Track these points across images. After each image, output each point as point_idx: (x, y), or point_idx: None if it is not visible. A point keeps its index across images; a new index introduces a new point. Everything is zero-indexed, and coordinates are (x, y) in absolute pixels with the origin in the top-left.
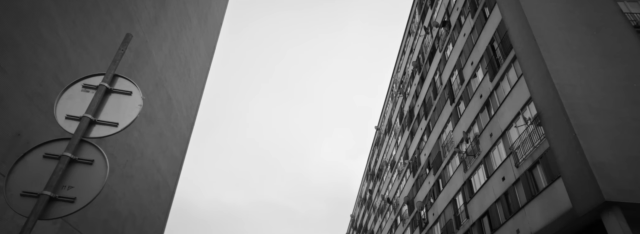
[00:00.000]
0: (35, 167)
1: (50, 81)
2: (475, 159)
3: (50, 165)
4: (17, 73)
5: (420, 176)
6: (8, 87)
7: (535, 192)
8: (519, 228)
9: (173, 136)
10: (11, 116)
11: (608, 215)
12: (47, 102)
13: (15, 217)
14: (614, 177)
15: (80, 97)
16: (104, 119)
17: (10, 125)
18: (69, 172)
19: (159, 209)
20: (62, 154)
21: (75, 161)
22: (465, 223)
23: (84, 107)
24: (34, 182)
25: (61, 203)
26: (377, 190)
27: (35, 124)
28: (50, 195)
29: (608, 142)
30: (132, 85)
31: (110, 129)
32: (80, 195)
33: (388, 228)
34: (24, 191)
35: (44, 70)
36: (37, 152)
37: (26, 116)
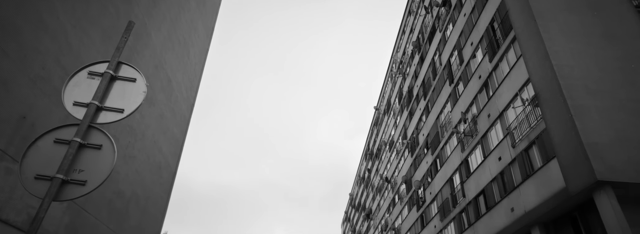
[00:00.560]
0: (47, 152)
1: (53, 65)
2: (472, 139)
3: (61, 150)
4: (19, 57)
5: (419, 156)
6: (12, 71)
7: (530, 172)
8: (513, 206)
9: (173, 117)
10: (16, 99)
11: (599, 194)
12: (50, 85)
13: (24, 196)
14: (607, 157)
15: (86, 84)
16: (110, 106)
17: (15, 108)
18: (79, 157)
19: (161, 189)
20: (72, 140)
21: (84, 145)
22: (462, 202)
23: (90, 93)
24: (47, 166)
25: (73, 185)
26: (376, 169)
27: (40, 107)
28: (63, 178)
29: (603, 123)
30: (136, 72)
31: (116, 115)
32: (91, 178)
33: (386, 207)
34: (37, 174)
35: (46, 54)
36: (48, 137)
37: (30, 99)
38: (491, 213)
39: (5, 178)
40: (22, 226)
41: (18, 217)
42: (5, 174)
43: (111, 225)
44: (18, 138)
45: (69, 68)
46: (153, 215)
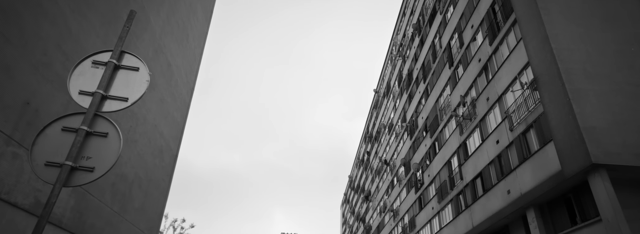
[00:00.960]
0: (55, 140)
1: (53, 50)
2: (471, 122)
3: (69, 137)
4: (21, 43)
5: (417, 139)
6: (14, 58)
7: (527, 155)
8: (510, 188)
9: (174, 101)
10: (19, 85)
11: (594, 176)
12: (52, 71)
13: (31, 180)
14: (603, 141)
15: (90, 73)
16: (115, 94)
17: (18, 94)
18: (86, 144)
19: (163, 172)
20: (79, 128)
21: (91, 133)
22: (459, 184)
23: (95, 82)
24: (56, 153)
25: (82, 172)
26: (375, 152)
27: (43, 93)
28: (72, 165)
29: (600, 106)
30: (139, 61)
31: (121, 103)
32: (98, 165)
33: (385, 189)
34: (47, 161)
35: (47, 39)
36: (56, 125)
37: (33, 85)
38: (488, 195)
39: (12, 162)
40: (30, 208)
41: (26, 200)
42: (12, 158)
43: (115, 207)
44: (23, 124)
45: (69, 53)
46: (155, 197)
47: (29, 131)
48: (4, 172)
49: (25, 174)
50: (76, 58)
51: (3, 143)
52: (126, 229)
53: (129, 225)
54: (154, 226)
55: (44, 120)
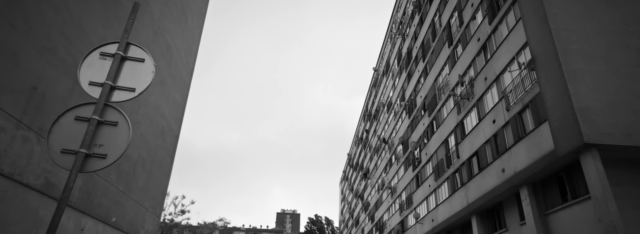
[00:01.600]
0: (69, 128)
1: (57, 36)
2: (469, 102)
3: (82, 126)
4: (26, 29)
5: (416, 118)
6: (20, 44)
7: (522, 134)
8: (504, 167)
9: (174, 82)
10: (26, 71)
11: (585, 156)
12: (56, 56)
13: (40, 162)
14: (596, 121)
15: (99, 65)
16: (122, 85)
17: (26, 79)
18: (98, 133)
19: (165, 152)
20: (91, 117)
21: (102, 122)
22: (456, 163)
23: (104, 74)
24: (70, 141)
25: (95, 158)
26: (374, 130)
27: (48, 78)
28: (86, 152)
29: (596, 87)
30: (144, 53)
31: (128, 94)
32: (110, 152)
33: (383, 166)
34: (63, 148)
35: (50, 25)
36: (69, 115)
37: (39, 70)
38: (483, 174)
39: (23, 145)
40: (41, 188)
41: (37, 181)
42: (22, 141)
43: (120, 187)
44: (31, 108)
45: (72, 38)
46: (158, 177)
47: (37, 115)
48: (15, 155)
49: (35, 156)
50: (79, 43)
51: (13, 127)
52: (131, 207)
53: (134, 203)
54: (157, 204)
55: (50, 104)
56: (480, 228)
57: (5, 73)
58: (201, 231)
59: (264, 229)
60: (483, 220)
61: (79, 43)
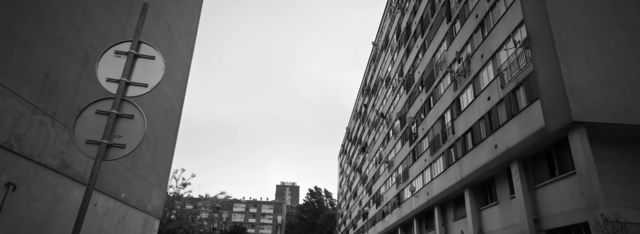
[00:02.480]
0: (91, 121)
1: (65, 23)
2: (465, 79)
3: (102, 119)
4: (37, 19)
5: (413, 93)
6: (32, 34)
7: (515, 111)
8: (497, 143)
9: (175, 63)
10: (39, 59)
11: (573, 133)
12: (65, 43)
13: (56, 144)
14: (585, 99)
15: (114, 62)
16: (136, 81)
17: (39, 68)
18: (117, 125)
19: (168, 130)
20: (110, 111)
21: (120, 116)
22: (451, 138)
23: (119, 71)
24: (93, 132)
25: (115, 148)
26: (372, 105)
27: (59, 64)
28: (108, 143)
29: (587, 66)
30: (154, 50)
31: (142, 89)
32: (128, 142)
33: (381, 141)
34: (87, 139)
35: (58, 13)
36: (90, 109)
37: (50, 58)
38: (477, 149)
39: (40, 129)
40: (57, 168)
41: (54, 161)
42: (39, 125)
43: (128, 164)
44: (45, 94)
45: (79, 25)
46: (163, 154)
47: (51, 101)
48: (34, 138)
49: (51, 138)
50: (85, 29)
51: (31, 112)
52: (139, 184)
53: (141, 180)
54: (162, 180)
55: (62, 89)
56: (472, 201)
57: (22, 62)
58: (203, 203)
59: (264, 201)
60: (475, 194)
61: (85, 29)
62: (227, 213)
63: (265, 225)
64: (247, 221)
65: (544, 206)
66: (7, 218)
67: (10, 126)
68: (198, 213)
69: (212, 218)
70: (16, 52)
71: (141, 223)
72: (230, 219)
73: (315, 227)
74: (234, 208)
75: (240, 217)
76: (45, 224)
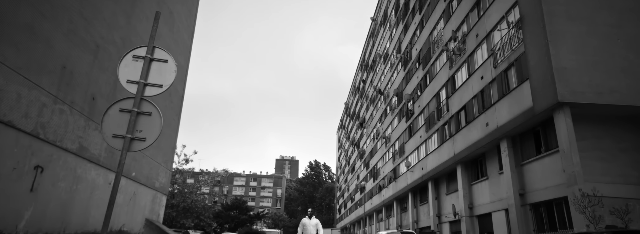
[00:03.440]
0: (116, 118)
1: (77, 18)
2: (460, 57)
3: (125, 116)
4: (53, 16)
5: (410, 70)
6: (50, 30)
7: (506, 91)
8: (488, 121)
9: (177, 46)
10: (56, 53)
11: (558, 113)
12: (78, 36)
13: (75, 130)
14: (571, 80)
15: (133, 66)
16: (152, 82)
17: (57, 60)
18: (138, 121)
19: (172, 112)
20: (131, 109)
21: (140, 113)
22: (445, 116)
23: (137, 73)
24: (118, 127)
25: (137, 141)
26: (370, 81)
27: (73, 57)
28: (131, 137)
29: (575, 48)
30: (167, 54)
31: (157, 89)
32: (148, 136)
33: (378, 117)
34: (113, 134)
35: (70, 9)
36: (115, 107)
37: (66, 51)
38: (469, 127)
39: (60, 116)
40: (76, 151)
41: (73, 145)
42: (59, 114)
43: None
44: (63, 85)
45: (89, 18)
46: (168, 135)
47: (69, 90)
48: (56, 125)
49: (70, 125)
50: (95, 21)
51: (52, 102)
52: (147, 163)
53: (149, 160)
54: (168, 159)
55: (77, 79)
56: (464, 176)
57: (43, 57)
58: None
59: (263, 175)
60: (467, 169)
61: (95, 21)
62: (228, 186)
63: (265, 198)
64: (248, 195)
65: (529, 182)
66: (38, 196)
67: (36, 115)
68: (200, 188)
69: (213, 193)
70: (38, 47)
71: (150, 198)
72: (230, 193)
73: (314, 200)
74: (235, 182)
75: (240, 190)
76: (68, 201)
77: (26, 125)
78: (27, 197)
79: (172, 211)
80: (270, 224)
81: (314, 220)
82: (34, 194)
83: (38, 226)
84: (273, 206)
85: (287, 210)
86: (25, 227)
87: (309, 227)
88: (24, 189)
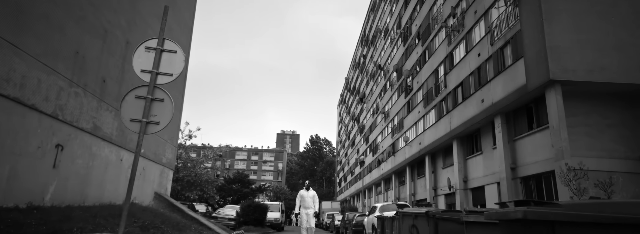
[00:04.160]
0: (132, 104)
1: (86, 5)
2: (459, 34)
3: (141, 102)
4: (65, 4)
5: (410, 46)
6: (62, 17)
7: (501, 68)
8: (484, 98)
9: (179, 27)
10: (69, 39)
11: (550, 90)
12: (88, 22)
13: (89, 111)
14: (563, 58)
15: (145, 56)
16: (163, 71)
17: (71, 46)
18: (152, 107)
19: (176, 91)
20: (146, 96)
21: (153, 99)
22: (443, 92)
23: (150, 63)
24: (135, 112)
25: (152, 124)
26: (371, 56)
27: (84, 42)
28: (147, 121)
29: (569, 26)
30: (176, 45)
31: (168, 78)
32: (162, 120)
33: (378, 92)
34: (131, 118)
35: None
36: (131, 94)
37: (77, 37)
38: (465, 103)
39: (76, 99)
40: (91, 130)
41: (88, 125)
42: (75, 96)
43: None
44: (77, 69)
45: (97, 5)
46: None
47: (82, 74)
48: (72, 107)
49: (84, 106)
50: (103, 7)
51: (68, 86)
52: (154, 140)
53: (156, 137)
54: (174, 136)
55: (89, 64)
56: (459, 151)
57: (58, 44)
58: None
59: (265, 149)
60: (462, 144)
61: (102, 7)
62: (230, 160)
63: (267, 172)
64: (249, 168)
65: (521, 156)
66: (60, 171)
67: (55, 98)
68: (202, 162)
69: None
70: (53, 35)
71: (158, 173)
72: (232, 167)
73: (315, 173)
74: (237, 156)
75: (242, 164)
76: (86, 176)
77: (47, 107)
78: (51, 173)
79: (177, 184)
80: (272, 197)
81: (311, 192)
82: (57, 170)
83: (61, 199)
84: (274, 180)
85: (289, 183)
86: (51, 199)
87: (306, 198)
88: (48, 166)
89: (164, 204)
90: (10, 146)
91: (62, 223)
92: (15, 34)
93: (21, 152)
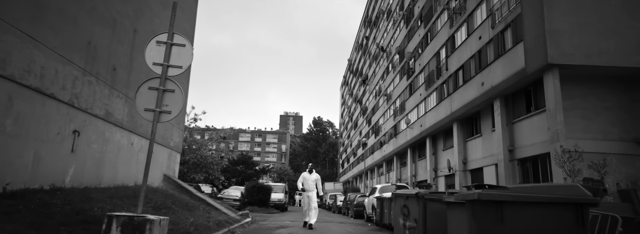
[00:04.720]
0: (146, 94)
1: None
2: (460, 16)
3: (154, 93)
4: None
5: (412, 28)
6: (75, 10)
7: (501, 52)
8: (484, 81)
9: (183, 14)
10: (82, 30)
11: (548, 74)
12: (98, 13)
13: (102, 98)
14: (562, 42)
15: (157, 50)
16: (173, 64)
17: (83, 37)
18: (164, 97)
19: (182, 77)
20: (158, 88)
21: (165, 90)
22: (444, 74)
23: (161, 56)
24: (148, 103)
25: (164, 114)
26: (373, 37)
27: (95, 33)
28: (159, 110)
29: (568, 10)
30: (184, 39)
31: (178, 70)
32: (173, 109)
33: (381, 74)
34: (145, 108)
35: None
36: (145, 85)
37: (89, 28)
38: (466, 86)
39: (89, 87)
40: (103, 117)
41: (100, 111)
42: (88, 85)
43: None
44: (90, 58)
45: None
46: None
47: (94, 64)
48: (86, 94)
49: (97, 94)
50: None
51: (82, 75)
52: (163, 125)
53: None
54: (180, 121)
55: (100, 53)
56: (459, 133)
57: (72, 35)
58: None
59: (268, 131)
60: (462, 126)
61: None
62: (234, 142)
63: (270, 154)
64: (253, 150)
65: (518, 138)
66: (77, 156)
67: (71, 87)
68: (207, 144)
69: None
70: (67, 27)
71: (166, 156)
72: (236, 149)
73: (318, 155)
74: (240, 138)
75: (246, 146)
76: (100, 160)
77: (64, 96)
78: (69, 157)
79: (183, 167)
80: (276, 178)
81: (314, 175)
82: (74, 154)
83: (80, 181)
84: (278, 161)
85: (292, 165)
86: (71, 181)
87: (309, 181)
88: (67, 150)
89: (172, 186)
90: (34, 132)
91: (84, 203)
92: (34, 28)
93: (43, 139)
